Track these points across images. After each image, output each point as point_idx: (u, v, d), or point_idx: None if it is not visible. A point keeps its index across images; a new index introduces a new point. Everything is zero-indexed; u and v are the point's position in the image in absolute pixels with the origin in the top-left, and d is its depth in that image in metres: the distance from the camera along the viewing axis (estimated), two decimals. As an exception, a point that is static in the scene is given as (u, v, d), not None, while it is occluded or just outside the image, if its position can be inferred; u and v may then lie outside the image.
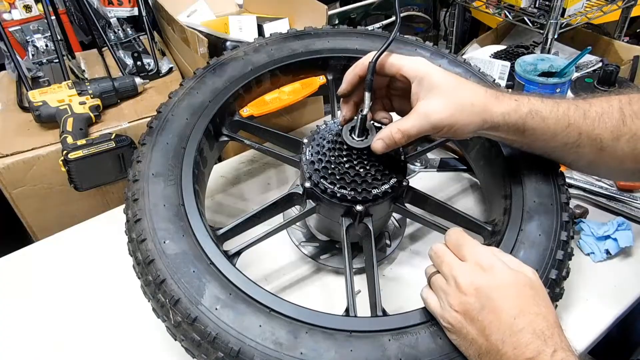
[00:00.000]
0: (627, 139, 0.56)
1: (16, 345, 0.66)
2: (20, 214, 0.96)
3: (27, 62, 1.12)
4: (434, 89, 0.54)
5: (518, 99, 0.57)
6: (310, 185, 0.62)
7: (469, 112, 0.55)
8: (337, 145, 0.61)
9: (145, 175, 0.60)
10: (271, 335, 0.49)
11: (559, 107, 0.57)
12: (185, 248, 0.54)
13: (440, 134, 0.56)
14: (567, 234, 0.60)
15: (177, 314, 0.51)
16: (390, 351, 0.50)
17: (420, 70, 0.55)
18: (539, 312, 0.46)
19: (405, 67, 0.56)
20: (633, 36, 2.20)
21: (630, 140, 0.56)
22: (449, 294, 0.49)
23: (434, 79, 0.55)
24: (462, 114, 0.54)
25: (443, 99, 0.54)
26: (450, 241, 0.53)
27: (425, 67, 0.56)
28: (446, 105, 0.54)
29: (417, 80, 0.55)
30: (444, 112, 0.54)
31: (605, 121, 0.57)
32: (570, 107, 0.58)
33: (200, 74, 0.73)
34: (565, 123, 0.57)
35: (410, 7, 2.34)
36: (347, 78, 0.60)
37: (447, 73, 0.56)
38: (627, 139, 0.56)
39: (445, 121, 0.54)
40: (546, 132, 0.57)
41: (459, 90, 0.55)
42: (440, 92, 0.54)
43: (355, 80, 0.59)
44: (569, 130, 0.57)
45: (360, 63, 0.58)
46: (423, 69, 0.55)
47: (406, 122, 0.55)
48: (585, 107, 0.58)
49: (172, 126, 0.66)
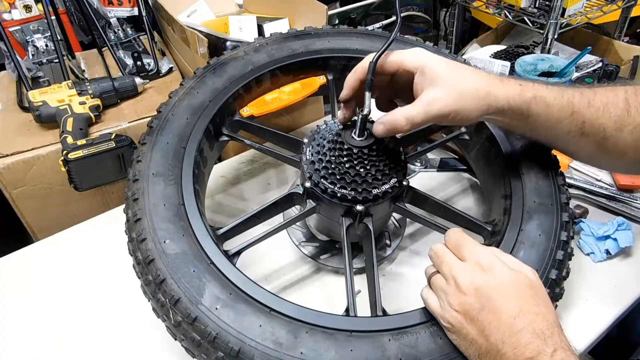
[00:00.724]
0: (630, 130, 0.56)
1: (16, 345, 0.66)
2: (20, 214, 0.96)
3: (27, 62, 1.12)
4: (436, 77, 0.54)
5: (522, 84, 0.57)
6: (311, 185, 0.62)
7: (472, 97, 0.55)
8: (337, 145, 0.61)
9: (145, 174, 0.60)
10: (271, 335, 0.49)
11: (563, 94, 0.57)
12: (185, 248, 0.54)
13: (446, 122, 0.56)
14: (567, 234, 0.60)
15: (177, 313, 0.51)
16: (390, 351, 0.50)
17: (421, 62, 0.55)
18: (539, 311, 0.46)
19: (406, 61, 0.57)
20: (633, 36, 2.20)
21: (634, 131, 0.56)
22: (449, 294, 0.49)
23: (436, 68, 0.55)
24: (466, 100, 0.54)
25: (446, 86, 0.54)
26: (450, 241, 0.53)
27: (426, 58, 0.56)
28: (450, 91, 0.54)
29: (419, 71, 0.55)
30: (448, 98, 0.54)
31: (609, 111, 0.56)
32: (575, 94, 0.57)
33: (200, 73, 0.73)
34: (570, 110, 0.57)
35: (410, 7, 2.34)
36: (348, 83, 0.60)
37: (448, 61, 0.56)
38: (631, 129, 0.56)
39: (450, 107, 0.54)
40: (550, 118, 0.57)
41: (462, 77, 0.55)
42: (443, 80, 0.54)
43: (357, 85, 0.59)
44: (572, 118, 0.57)
45: (360, 66, 0.58)
46: (424, 60, 0.55)
47: (411, 109, 0.55)
48: (590, 95, 0.57)
49: (172, 126, 0.66)
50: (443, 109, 0.54)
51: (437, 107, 0.54)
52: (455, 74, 0.55)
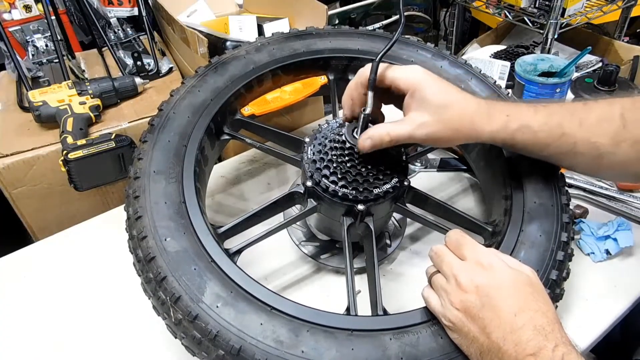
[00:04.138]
0: (630, 144, 0.56)
1: (16, 345, 0.66)
2: (20, 214, 0.96)
3: (27, 62, 1.11)
4: (424, 102, 0.56)
5: (510, 114, 0.57)
6: (312, 184, 0.62)
7: (455, 129, 0.57)
8: (339, 145, 0.61)
9: (146, 172, 0.60)
10: (272, 333, 0.49)
11: (552, 118, 0.57)
12: (186, 245, 0.54)
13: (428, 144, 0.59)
14: (568, 235, 0.61)
15: (177, 311, 0.51)
16: (391, 350, 0.50)
17: (413, 83, 0.57)
18: (539, 308, 0.47)
19: (398, 80, 0.58)
20: (633, 36, 2.21)
21: (634, 144, 0.56)
22: (450, 293, 0.49)
23: (426, 93, 0.56)
24: (449, 130, 0.56)
25: (432, 115, 0.56)
26: (451, 242, 0.54)
27: (418, 80, 0.57)
28: (434, 121, 0.56)
29: (410, 92, 0.57)
30: (431, 127, 0.56)
31: (604, 127, 0.56)
32: (566, 116, 0.57)
33: (202, 72, 0.72)
34: (559, 133, 0.57)
35: (410, 7, 2.34)
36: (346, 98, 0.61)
37: (440, 85, 0.57)
38: (630, 143, 0.56)
39: (433, 134, 0.57)
40: (537, 143, 0.58)
41: (448, 109, 0.56)
42: (430, 108, 0.56)
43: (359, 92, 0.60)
44: (562, 140, 0.57)
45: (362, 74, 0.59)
46: (415, 82, 0.57)
47: (397, 128, 0.57)
48: (583, 114, 0.57)
49: (173, 124, 0.66)
50: (427, 134, 0.56)
51: (421, 131, 0.56)
52: (444, 102, 0.56)
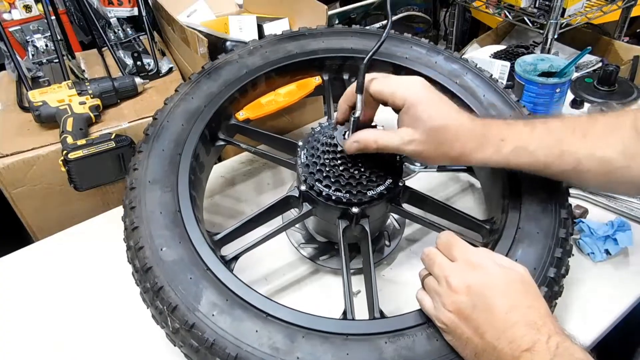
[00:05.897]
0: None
1: (16, 345, 0.66)
2: (20, 214, 0.96)
3: (27, 62, 1.12)
4: (417, 121, 0.55)
5: (505, 137, 0.56)
6: (306, 188, 0.62)
7: (443, 154, 0.56)
8: (331, 148, 0.61)
9: (142, 182, 0.60)
10: (268, 340, 0.49)
11: (550, 135, 0.56)
12: (182, 254, 0.55)
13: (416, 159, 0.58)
14: (566, 232, 0.60)
15: (175, 320, 0.51)
16: (386, 354, 0.50)
17: (409, 100, 0.55)
18: (530, 305, 0.47)
19: (394, 95, 0.56)
20: (633, 36, 2.20)
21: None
22: (442, 295, 0.49)
23: (420, 112, 0.55)
24: (436, 153, 0.56)
25: (422, 135, 0.55)
26: (441, 243, 0.54)
27: (414, 97, 0.55)
28: (424, 141, 0.55)
29: (405, 107, 0.56)
30: (420, 146, 0.56)
31: (611, 141, 0.54)
32: (567, 132, 0.55)
33: (195, 78, 0.73)
34: (558, 151, 0.55)
35: (410, 7, 2.34)
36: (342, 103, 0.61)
37: (435, 106, 0.56)
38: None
39: (419, 154, 0.57)
40: (535, 164, 0.56)
41: (440, 133, 0.55)
42: (421, 127, 0.55)
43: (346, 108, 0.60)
44: (563, 158, 0.55)
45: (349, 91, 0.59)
46: (411, 98, 0.55)
47: (386, 138, 0.57)
48: (586, 127, 0.55)
49: (167, 132, 0.66)
50: (414, 151, 0.56)
51: (409, 147, 0.56)
52: (436, 125, 0.55)
